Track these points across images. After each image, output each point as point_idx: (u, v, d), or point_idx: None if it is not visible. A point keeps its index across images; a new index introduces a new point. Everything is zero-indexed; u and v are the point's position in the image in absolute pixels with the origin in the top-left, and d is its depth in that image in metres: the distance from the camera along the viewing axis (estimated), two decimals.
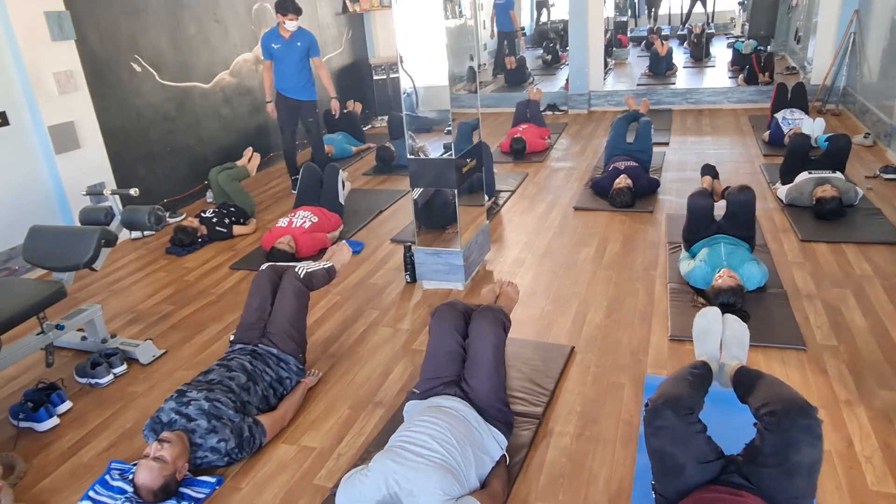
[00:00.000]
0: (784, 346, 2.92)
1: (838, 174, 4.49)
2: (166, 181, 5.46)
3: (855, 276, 3.53)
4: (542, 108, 7.67)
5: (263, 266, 3.08)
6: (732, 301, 3.10)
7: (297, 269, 3.00)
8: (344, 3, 8.01)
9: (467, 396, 2.35)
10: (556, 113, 8.26)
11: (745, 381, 2.03)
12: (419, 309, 3.56)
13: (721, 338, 2.36)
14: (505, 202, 5.11)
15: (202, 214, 4.81)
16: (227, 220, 4.79)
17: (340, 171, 4.92)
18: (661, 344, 3.05)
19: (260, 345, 2.81)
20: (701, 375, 2.08)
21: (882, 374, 2.70)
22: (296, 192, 4.97)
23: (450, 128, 3.45)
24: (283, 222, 4.38)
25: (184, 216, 5.20)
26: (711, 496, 1.75)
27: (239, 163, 5.47)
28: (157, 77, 5.34)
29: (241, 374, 2.60)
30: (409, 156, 3.56)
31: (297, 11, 5.25)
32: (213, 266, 4.36)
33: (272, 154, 6.74)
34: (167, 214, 5.16)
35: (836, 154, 4.62)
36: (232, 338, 2.96)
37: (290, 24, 5.25)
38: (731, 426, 2.08)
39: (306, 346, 2.95)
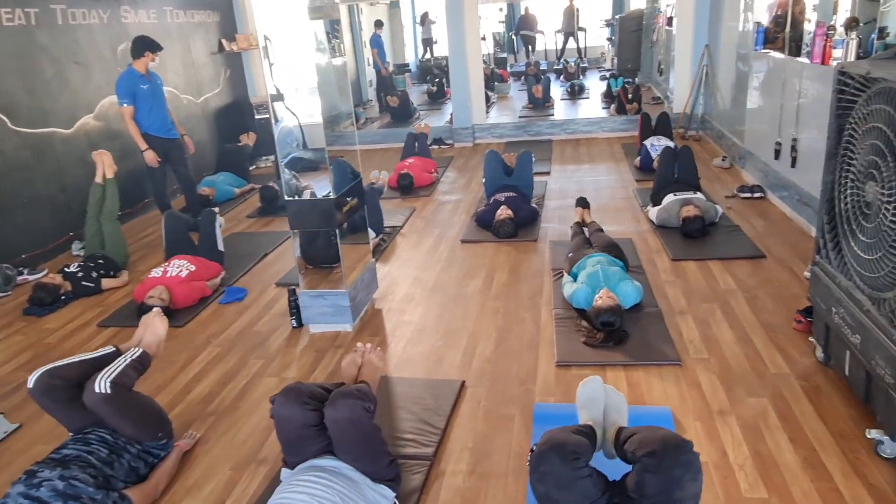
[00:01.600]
0: (661, 363, 3.04)
1: (699, 195, 4.82)
2: (24, 235, 4.99)
3: (720, 290, 3.77)
4: (428, 143, 7.78)
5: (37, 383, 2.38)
6: (612, 320, 3.21)
7: (97, 385, 2.34)
8: (220, 43, 7.81)
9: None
10: (441, 147, 8.39)
11: (625, 434, 2.03)
12: (306, 355, 3.43)
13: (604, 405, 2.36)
14: (393, 238, 5.08)
15: (66, 269, 4.43)
16: (94, 274, 4.43)
17: (218, 216, 4.72)
18: (548, 371, 3.09)
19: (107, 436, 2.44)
20: (588, 432, 2.06)
21: (749, 382, 2.86)
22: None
23: (327, 166, 3.39)
24: (156, 272, 4.12)
25: (45, 272, 4.77)
26: None
27: (98, 178, 4.80)
28: (8, 124, 4.92)
29: (100, 448, 2.36)
30: (286, 197, 3.46)
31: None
32: (79, 325, 4.01)
33: (146, 200, 6.36)
34: (25, 271, 4.71)
35: (686, 164, 5.03)
36: None
37: (153, 63, 5.08)
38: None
39: (164, 422, 2.59)
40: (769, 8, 5.84)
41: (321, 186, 3.48)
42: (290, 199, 3.45)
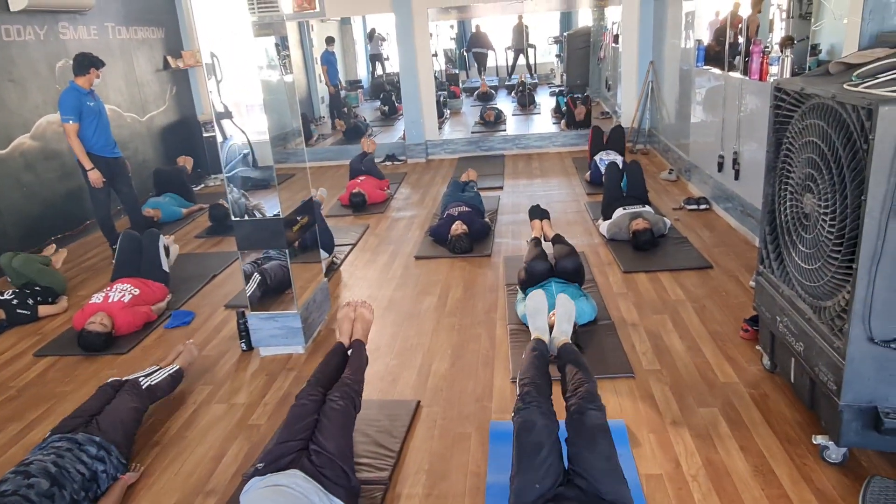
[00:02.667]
0: (615, 376, 3.07)
1: (648, 208, 4.92)
2: None
3: (671, 301, 3.84)
4: (381, 159, 7.76)
5: (109, 380, 2.98)
6: None
7: (140, 381, 2.94)
8: (165, 60, 7.63)
9: (313, 465, 2.20)
10: (395, 163, 8.37)
11: (563, 357, 2.59)
12: (256, 379, 3.33)
13: (555, 313, 2.91)
14: (346, 256, 5.02)
15: None
16: (30, 301, 4.23)
17: (161, 235, 4.57)
18: (503, 387, 3.07)
19: (83, 432, 2.54)
20: (541, 354, 2.58)
21: (700, 392, 2.91)
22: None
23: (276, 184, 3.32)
24: (97, 298, 3.95)
25: None
26: None
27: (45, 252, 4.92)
28: None
29: (42, 480, 2.23)
30: (234, 218, 3.37)
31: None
32: (14, 355, 3.81)
33: (88, 222, 6.13)
34: None
35: (635, 179, 5.14)
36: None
37: (96, 80, 4.93)
38: None
39: (132, 445, 2.74)
40: (710, 25, 6.05)
41: (271, 205, 3.41)
42: (238, 219, 3.36)
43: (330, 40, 11.76)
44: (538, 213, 4.77)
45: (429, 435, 2.76)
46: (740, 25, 5.21)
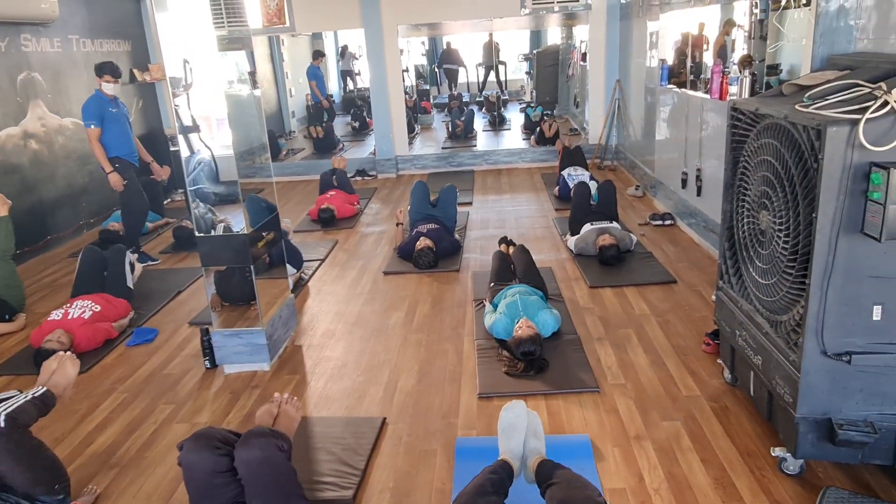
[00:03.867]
0: (580, 391, 3.09)
1: (615, 224, 5.00)
2: None
3: (636, 315, 3.89)
4: (351, 174, 7.74)
5: None
6: (532, 349, 3.24)
7: None
8: (132, 73, 7.54)
9: None
10: (365, 178, 8.37)
11: (545, 475, 2.12)
12: (220, 398, 3.27)
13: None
14: (314, 272, 4.98)
15: None
16: None
17: (128, 252, 4.49)
18: (470, 403, 3.07)
19: None
20: (500, 480, 2.12)
21: (663, 405, 2.94)
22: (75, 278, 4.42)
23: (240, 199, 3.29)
24: (56, 315, 3.86)
25: None
26: None
27: None
28: None
29: None
30: (197, 234, 3.33)
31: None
32: None
33: (49, 237, 6.00)
34: None
35: (607, 197, 5.23)
36: None
37: (110, 87, 5.00)
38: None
39: (62, 474, 2.37)
40: (674, 44, 6.19)
41: (237, 220, 3.38)
42: (201, 235, 3.32)
43: (318, 54, 11.67)
44: (503, 240, 4.90)
45: (394, 452, 2.75)
46: (706, 46, 5.35)
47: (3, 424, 2.17)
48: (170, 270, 5.25)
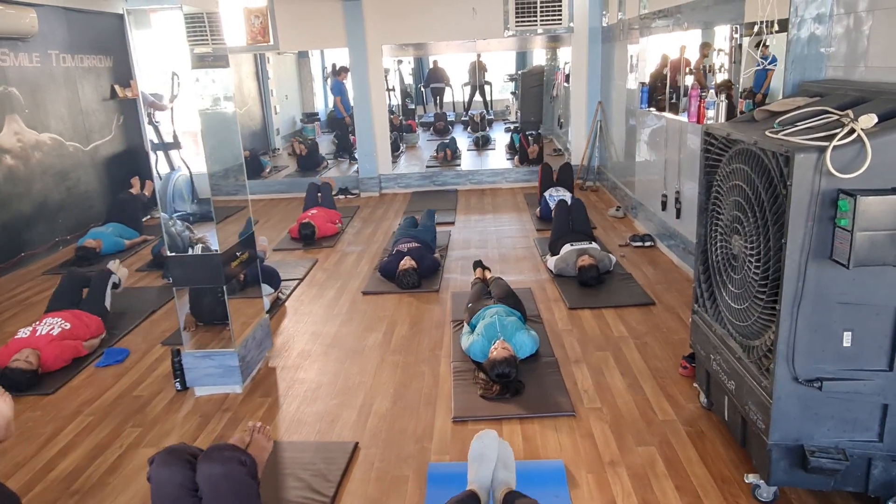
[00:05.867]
0: (556, 414, 3.05)
1: (594, 245, 5.00)
2: None
3: (614, 338, 3.87)
4: (334, 192, 7.71)
5: None
6: (507, 371, 3.21)
7: None
8: (112, 89, 7.49)
9: None
10: (348, 196, 8.34)
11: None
12: (189, 421, 3.20)
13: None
14: (292, 292, 4.93)
15: None
16: None
17: (113, 274, 4.45)
18: (444, 427, 3.03)
19: None
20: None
21: (639, 430, 2.91)
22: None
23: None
24: (23, 332, 3.78)
25: None
26: None
27: None
28: None
29: None
30: (168, 253, 3.28)
31: None
32: None
33: (23, 254, 5.90)
34: None
35: (579, 216, 5.33)
36: None
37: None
38: None
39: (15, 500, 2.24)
40: (655, 67, 6.25)
41: (212, 240, 3.33)
42: (173, 254, 3.27)
43: (341, 70, 11.26)
44: (478, 264, 4.90)
45: (365, 478, 2.69)
46: (688, 68, 5.40)
47: None
48: (145, 289, 5.17)
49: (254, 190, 3.88)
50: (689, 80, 5.18)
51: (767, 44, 3.25)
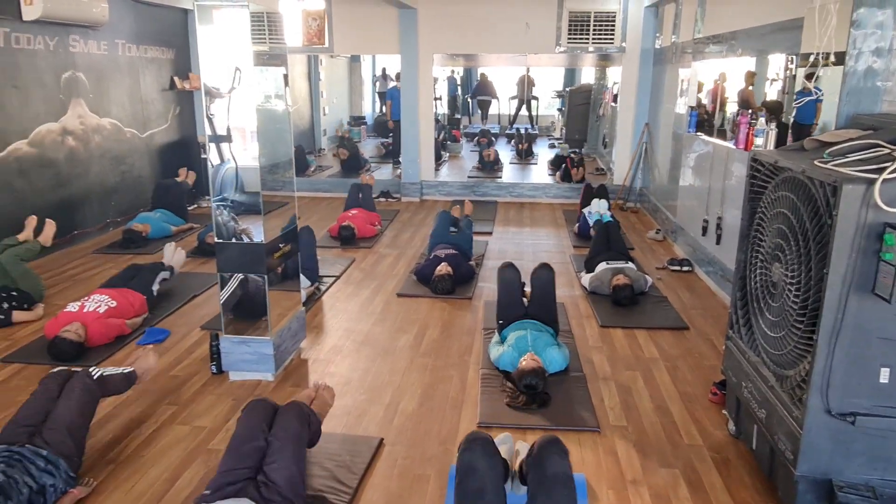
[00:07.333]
0: (580, 429, 3.06)
1: (631, 265, 4.98)
2: None
3: (644, 358, 3.85)
4: (375, 195, 7.84)
5: (56, 369, 2.86)
6: (535, 383, 3.22)
7: (90, 370, 2.84)
8: (172, 80, 7.76)
9: (261, 496, 2.18)
10: (389, 200, 8.46)
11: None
12: (222, 403, 3.30)
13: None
14: (328, 288, 5.03)
15: None
16: (5, 305, 4.20)
17: (164, 271, 4.68)
18: (469, 431, 3.05)
19: (28, 445, 2.45)
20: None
21: (664, 452, 2.90)
22: None
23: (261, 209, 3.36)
24: (73, 307, 3.94)
25: None
26: None
27: (21, 236, 4.69)
28: None
29: None
30: (216, 240, 3.40)
31: None
32: None
33: (76, 232, 6.14)
34: None
35: (615, 236, 5.37)
36: None
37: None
38: None
39: (83, 452, 2.66)
40: (709, 94, 6.21)
41: (257, 231, 3.44)
42: (221, 241, 3.39)
43: (398, 76, 11.68)
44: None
45: (388, 474, 2.74)
46: (739, 96, 5.36)
47: (94, 379, 2.77)
48: (188, 274, 5.33)
49: (297, 187, 3.97)
50: (738, 108, 5.14)
51: (820, 75, 3.23)
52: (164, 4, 7.41)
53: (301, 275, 4.08)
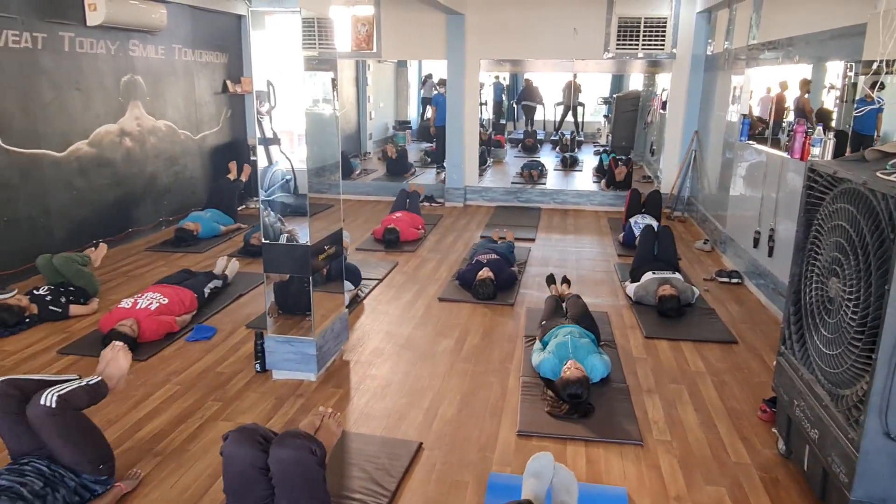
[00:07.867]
0: (623, 442, 3.00)
1: (677, 275, 4.87)
2: None
3: (690, 372, 3.76)
4: (420, 199, 7.88)
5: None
6: (579, 392, 3.19)
7: (41, 400, 2.30)
8: (224, 83, 7.97)
9: None
10: (433, 204, 8.48)
11: None
12: (265, 401, 3.35)
13: (551, 482, 2.39)
14: (371, 290, 5.07)
15: (34, 291, 4.37)
16: (63, 300, 4.37)
17: (216, 280, 4.85)
18: (508, 439, 3.03)
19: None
20: None
21: (709, 468, 2.82)
22: None
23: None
24: (126, 303, 4.07)
25: (13, 293, 4.70)
26: None
27: (85, 252, 5.11)
28: None
29: (35, 480, 2.27)
30: (263, 240, 3.46)
31: None
32: (39, 349, 3.92)
33: (130, 230, 6.36)
34: None
35: (666, 244, 5.21)
36: None
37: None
38: None
39: (108, 455, 2.52)
40: (762, 101, 6.05)
41: (304, 232, 3.49)
42: (267, 242, 3.45)
43: (443, 82, 11.83)
44: (551, 279, 4.94)
45: (426, 479, 2.74)
46: (796, 104, 5.20)
47: (53, 405, 2.31)
48: (236, 274, 5.44)
49: (343, 190, 4.02)
50: (794, 116, 4.99)
51: (884, 83, 3.10)
52: (219, 10, 7.62)
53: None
